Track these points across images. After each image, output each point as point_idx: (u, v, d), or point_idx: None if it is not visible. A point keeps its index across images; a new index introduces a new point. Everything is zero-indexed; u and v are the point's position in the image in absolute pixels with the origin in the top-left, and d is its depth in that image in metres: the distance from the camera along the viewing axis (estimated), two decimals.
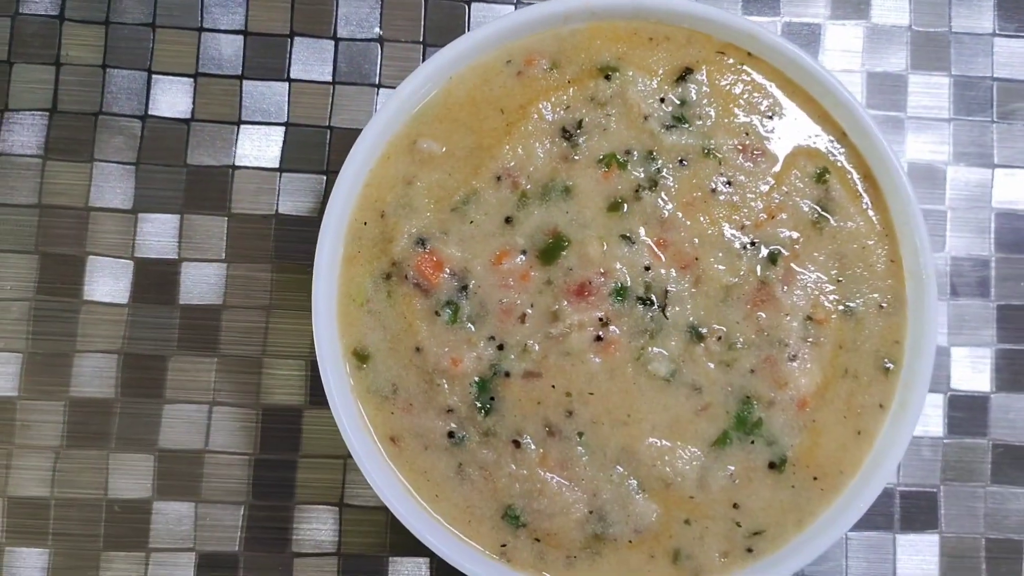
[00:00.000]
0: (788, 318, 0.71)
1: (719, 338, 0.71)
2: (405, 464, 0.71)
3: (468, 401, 0.71)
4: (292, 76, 0.88)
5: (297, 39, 0.88)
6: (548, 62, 0.73)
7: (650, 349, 0.71)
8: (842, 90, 0.71)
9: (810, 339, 0.72)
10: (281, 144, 0.86)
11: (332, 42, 0.88)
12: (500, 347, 0.71)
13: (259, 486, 0.82)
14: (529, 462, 0.71)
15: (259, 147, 0.87)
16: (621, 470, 0.71)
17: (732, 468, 0.71)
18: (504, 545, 0.72)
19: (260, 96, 0.87)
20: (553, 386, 0.71)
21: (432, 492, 0.71)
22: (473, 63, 0.73)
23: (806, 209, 0.73)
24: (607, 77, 0.72)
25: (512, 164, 0.71)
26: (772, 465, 0.72)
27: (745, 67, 0.74)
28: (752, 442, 0.71)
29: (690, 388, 0.71)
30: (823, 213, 0.73)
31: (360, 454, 0.69)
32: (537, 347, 0.71)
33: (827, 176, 0.73)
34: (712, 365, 0.71)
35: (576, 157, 0.71)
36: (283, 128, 0.87)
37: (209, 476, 0.83)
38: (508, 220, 0.71)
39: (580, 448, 0.71)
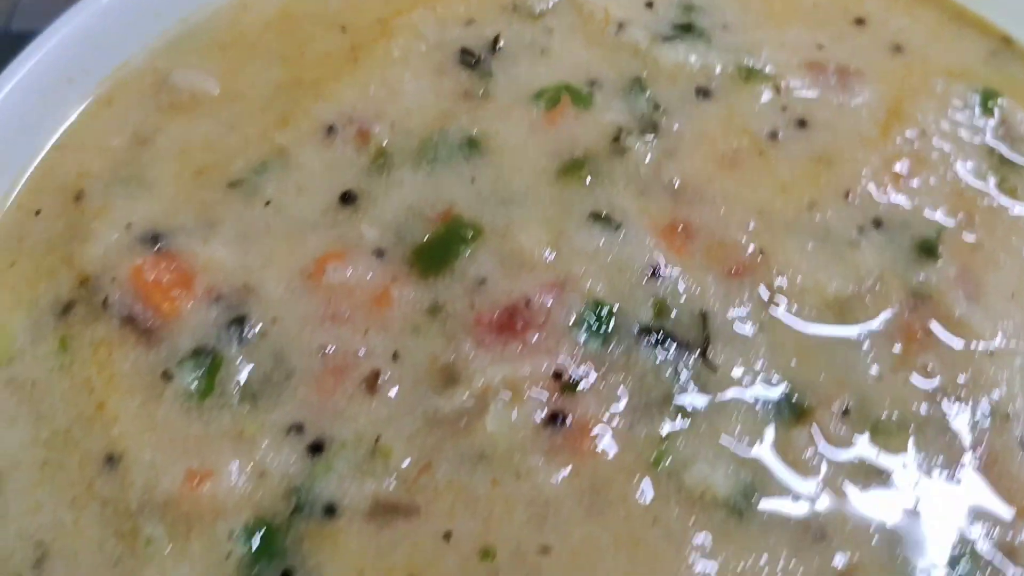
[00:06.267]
0: (991, 360, 0.42)
1: (846, 411, 0.40)
2: None
3: None
4: None
5: None
6: None
7: (681, 443, 0.39)
8: None
9: None
10: None
11: None
12: (315, 448, 0.38)
13: None
14: None
15: None
16: None
17: None
18: None
19: None
20: (447, 534, 0.37)
21: None
22: None
23: (967, 166, 0.47)
24: None
25: (357, 105, 0.48)
26: None
27: None
28: None
29: (794, 527, 0.38)
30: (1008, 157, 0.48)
31: None
32: (405, 448, 0.38)
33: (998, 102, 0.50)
34: (835, 469, 0.40)
35: (485, 92, 0.49)
36: None
37: None
38: (347, 197, 0.45)
39: None
